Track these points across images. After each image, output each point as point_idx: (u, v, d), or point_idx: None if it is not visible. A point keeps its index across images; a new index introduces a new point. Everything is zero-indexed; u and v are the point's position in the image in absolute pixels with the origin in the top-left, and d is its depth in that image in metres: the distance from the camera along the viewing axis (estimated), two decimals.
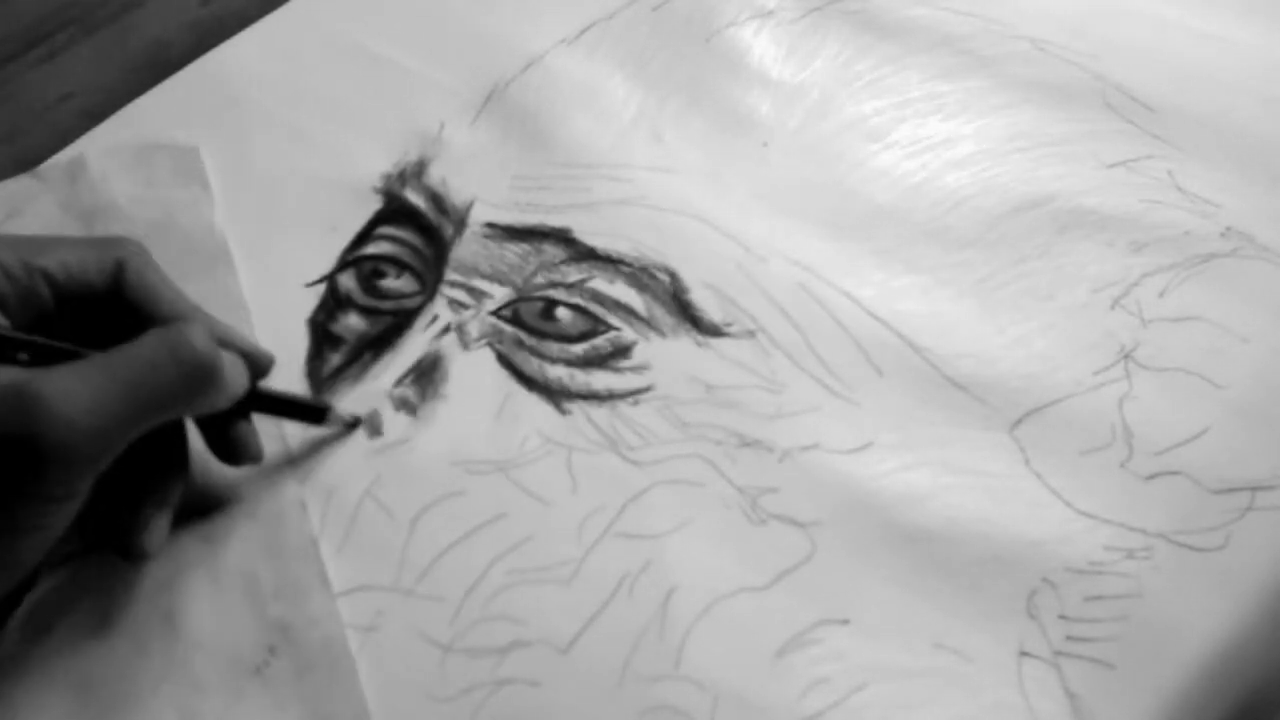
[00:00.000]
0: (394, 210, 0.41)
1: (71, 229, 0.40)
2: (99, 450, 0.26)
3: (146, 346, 0.27)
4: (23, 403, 0.25)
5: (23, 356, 0.27)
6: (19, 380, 0.25)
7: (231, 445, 0.32)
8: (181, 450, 0.32)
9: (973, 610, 0.31)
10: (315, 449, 0.35)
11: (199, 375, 0.28)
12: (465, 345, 0.37)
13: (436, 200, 0.41)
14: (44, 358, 0.27)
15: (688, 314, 0.37)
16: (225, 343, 0.31)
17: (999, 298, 0.37)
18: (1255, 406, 0.34)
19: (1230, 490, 0.33)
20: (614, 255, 0.39)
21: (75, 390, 0.25)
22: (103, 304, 0.30)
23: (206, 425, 0.32)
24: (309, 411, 0.34)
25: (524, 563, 0.32)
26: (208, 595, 0.32)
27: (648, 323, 0.37)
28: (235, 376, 0.30)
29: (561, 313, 0.37)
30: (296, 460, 0.34)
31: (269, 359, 0.33)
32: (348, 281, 0.39)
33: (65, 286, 0.29)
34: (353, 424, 0.35)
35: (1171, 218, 0.39)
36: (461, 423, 0.35)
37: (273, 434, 0.35)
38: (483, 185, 0.41)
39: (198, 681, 0.30)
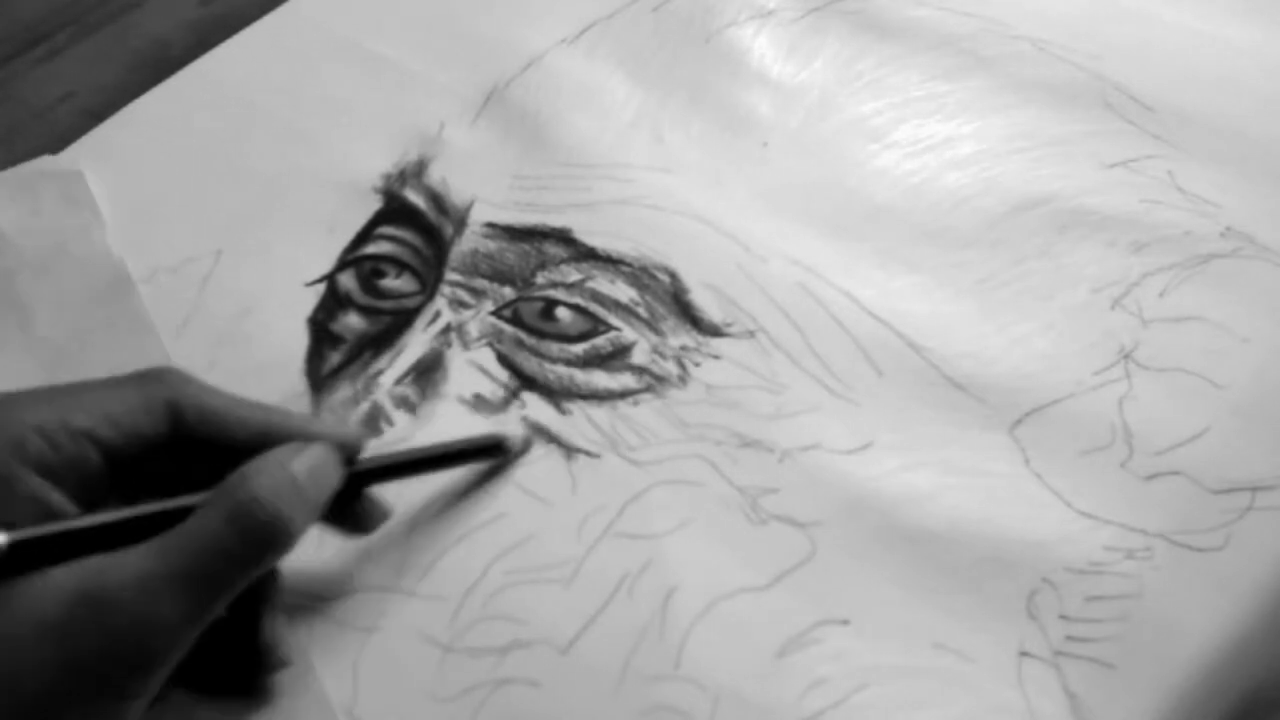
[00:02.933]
0: (394, 210, 0.41)
1: None
2: (174, 646, 0.25)
3: (207, 526, 0.25)
4: (100, 612, 0.24)
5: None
6: (90, 583, 0.24)
7: (348, 519, 0.31)
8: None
9: (973, 610, 0.31)
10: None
11: (267, 540, 0.26)
12: (465, 345, 0.37)
13: (436, 200, 0.41)
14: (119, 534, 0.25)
15: (688, 314, 0.37)
16: (309, 435, 0.28)
17: (999, 298, 0.37)
18: (1255, 406, 0.34)
19: (1230, 490, 0.32)
20: (614, 255, 0.39)
21: (144, 589, 0.24)
22: (159, 448, 0.27)
23: None
24: (455, 456, 0.32)
25: (524, 563, 0.32)
26: None
27: (648, 323, 0.37)
28: (322, 470, 0.28)
29: (561, 313, 0.37)
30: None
31: (357, 440, 0.30)
32: (348, 281, 0.39)
33: (115, 443, 0.26)
34: (524, 447, 0.34)
35: (1172, 218, 0.38)
36: (461, 422, 0.35)
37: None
38: (483, 185, 0.41)
39: None
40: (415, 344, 0.37)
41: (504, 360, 0.36)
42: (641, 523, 0.33)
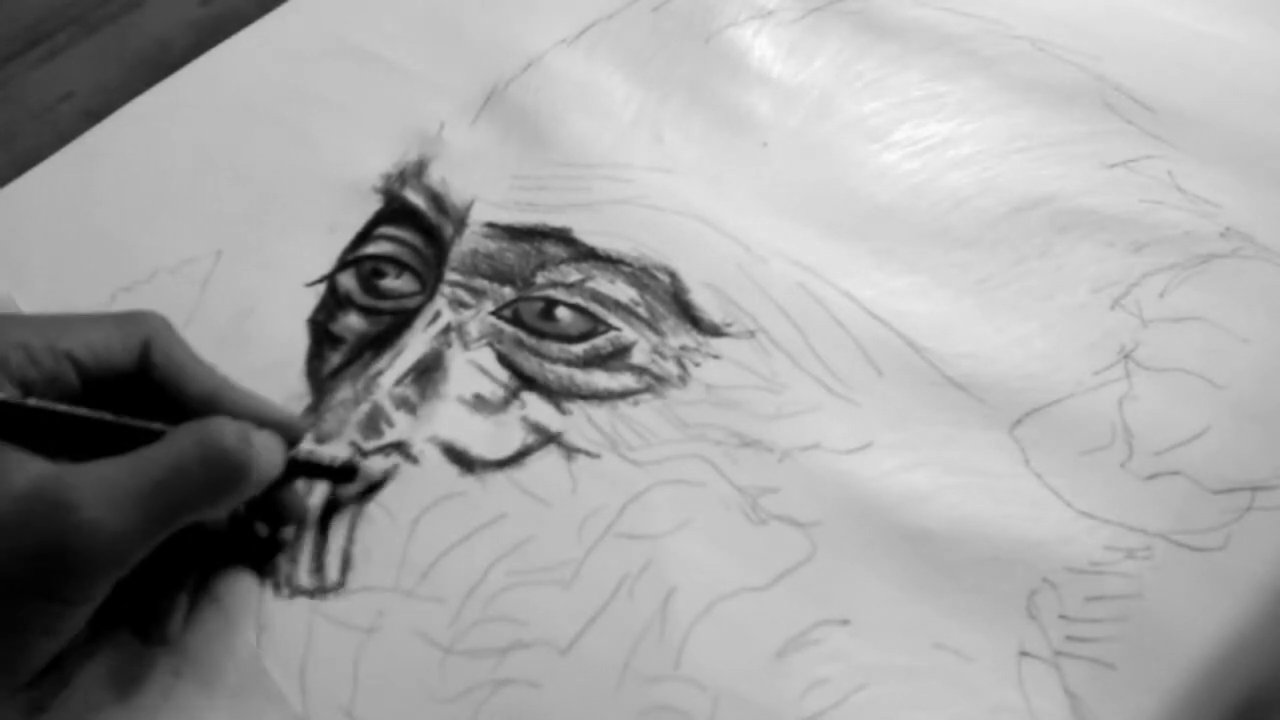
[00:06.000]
0: (394, 210, 0.41)
1: None
2: (123, 558, 0.26)
3: (175, 447, 0.27)
4: (54, 509, 0.25)
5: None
6: (50, 481, 0.25)
7: (274, 511, 0.32)
8: (205, 536, 0.32)
9: (973, 610, 0.31)
10: None
11: (229, 476, 0.28)
12: (465, 345, 0.37)
13: (436, 200, 0.41)
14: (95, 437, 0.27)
15: (688, 314, 0.37)
16: (258, 417, 0.30)
17: (999, 298, 0.37)
18: (1255, 406, 0.34)
19: (1230, 490, 0.32)
20: (614, 255, 0.39)
21: (104, 496, 0.25)
22: (130, 382, 0.29)
23: None
24: (339, 473, 0.33)
25: (524, 563, 0.32)
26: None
27: (648, 323, 0.37)
28: (269, 457, 0.29)
29: (561, 313, 0.37)
30: None
31: (301, 428, 0.33)
32: (348, 281, 0.39)
33: (91, 368, 0.28)
34: (380, 482, 0.34)
35: (1171, 218, 0.39)
36: (461, 423, 0.35)
37: None
38: (483, 185, 0.41)
39: None
40: (415, 344, 0.37)
41: (504, 360, 0.36)
42: (641, 523, 0.33)
